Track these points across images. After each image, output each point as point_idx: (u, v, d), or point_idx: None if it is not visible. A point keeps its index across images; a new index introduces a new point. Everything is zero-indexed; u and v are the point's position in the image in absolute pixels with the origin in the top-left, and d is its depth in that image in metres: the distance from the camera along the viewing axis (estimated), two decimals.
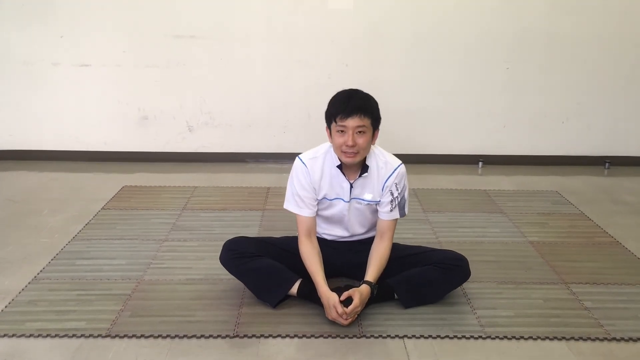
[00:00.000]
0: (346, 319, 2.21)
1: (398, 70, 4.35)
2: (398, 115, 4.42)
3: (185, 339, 2.16)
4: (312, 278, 2.32)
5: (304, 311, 2.34)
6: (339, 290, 2.28)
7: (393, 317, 2.31)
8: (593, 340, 2.19)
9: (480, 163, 4.50)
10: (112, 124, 4.44)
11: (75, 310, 2.35)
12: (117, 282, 2.58)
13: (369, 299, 2.30)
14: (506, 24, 4.25)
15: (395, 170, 2.37)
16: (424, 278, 2.37)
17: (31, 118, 4.40)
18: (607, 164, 4.48)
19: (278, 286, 2.36)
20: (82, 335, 2.17)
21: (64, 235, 3.07)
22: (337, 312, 2.19)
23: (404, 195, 2.40)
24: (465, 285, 2.54)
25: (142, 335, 2.17)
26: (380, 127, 2.32)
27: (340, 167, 2.35)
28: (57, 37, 4.22)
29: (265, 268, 2.37)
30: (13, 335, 2.17)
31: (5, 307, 2.37)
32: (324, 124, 2.36)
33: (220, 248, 2.46)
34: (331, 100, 2.29)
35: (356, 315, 2.26)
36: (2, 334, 2.18)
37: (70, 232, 3.11)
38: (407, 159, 4.42)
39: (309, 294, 2.33)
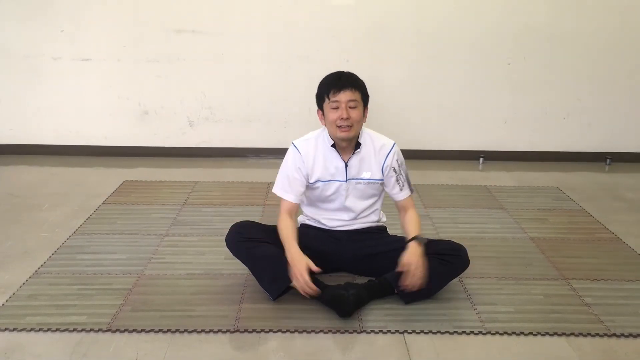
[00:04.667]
0: (311, 290, 2.22)
1: (399, 66, 4.34)
2: (399, 111, 4.42)
3: (185, 334, 2.17)
4: (284, 243, 2.34)
5: (304, 306, 2.34)
6: (338, 288, 2.27)
7: (393, 313, 2.31)
8: (593, 336, 2.19)
9: (481, 159, 4.49)
10: (112, 118, 4.43)
11: (76, 304, 2.35)
12: (118, 276, 2.58)
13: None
14: (507, 20, 4.24)
15: (391, 149, 2.47)
16: None
17: (32, 112, 4.40)
18: (608, 161, 4.48)
19: (281, 276, 2.33)
20: (82, 330, 2.17)
21: (64, 230, 3.08)
22: (303, 280, 2.20)
23: (405, 170, 2.50)
24: (465, 280, 2.54)
25: (142, 330, 2.18)
26: (381, 122, 2.34)
27: (334, 147, 2.40)
28: (58, 31, 4.21)
29: (270, 256, 2.36)
30: (14, 330, 2.17)
31: (6, 301, 2.37)
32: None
33: (221, 244, 2.47)
34: (321, 82, 2.40)
35: (421, 276, 2.25)
36: (3, 328, 2.18)
37: (71, 227, 3.11)
38: (408, 155, 4.40)
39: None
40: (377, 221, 2.58)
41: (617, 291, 2.53)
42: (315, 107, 2.43)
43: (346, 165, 2.43)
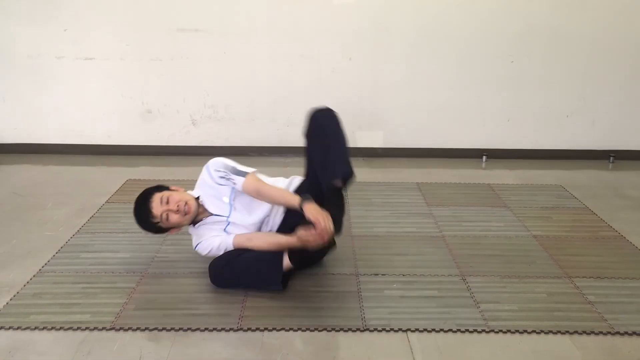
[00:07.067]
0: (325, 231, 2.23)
1: (401, 64, 4.34)
2: (401, 109, 4.42)
3: (189, 332, 2.17)
4: (276, 244, 2.41)
5: (307, 304, 2.35)
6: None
7: (396, 311, 2.31)
8: (596, 334, 2.19)
9: (484, 157, 4.49)
10: (116, 117, 4.44)
11: (80, 303, 2.36)
12: (122, 275, 2.59)
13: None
14: (510, 18, 4.23)
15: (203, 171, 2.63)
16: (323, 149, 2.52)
17: (35, 112, 4.41)
18: (611, 158, 4.47)
19: (271, 267, 2.39)
20: (86, 328, 2.18)
21: (68, 229, 3.09)
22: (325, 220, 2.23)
23: (225, 169, 2.58)
24: (468, 279, 2.55)
25: (146, 328, 2.19)
26: (384, 120, 2.34)
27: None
28: (61, 30, 4.22)
29: (250, 259, 2.41)
30: (18, 328, 2.18)
31: (10, 299, 2.38)
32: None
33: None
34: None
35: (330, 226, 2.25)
36: (8, 327, 2.19)
37: (75, 226, 3.12)
38: (411, 153, 4.49)
39: (300, 255, 2.36)
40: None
41: (621, 289, 2.53)
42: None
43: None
